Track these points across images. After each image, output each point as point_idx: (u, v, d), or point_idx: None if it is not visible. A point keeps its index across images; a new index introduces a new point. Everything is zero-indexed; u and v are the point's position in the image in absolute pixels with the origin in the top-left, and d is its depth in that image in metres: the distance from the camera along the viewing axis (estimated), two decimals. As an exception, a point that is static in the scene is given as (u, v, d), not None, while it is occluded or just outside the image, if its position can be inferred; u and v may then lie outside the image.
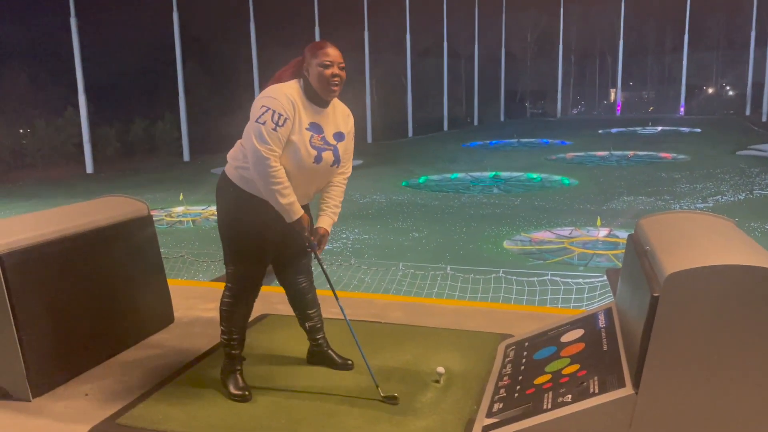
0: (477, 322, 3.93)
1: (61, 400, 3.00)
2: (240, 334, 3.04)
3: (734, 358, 2.10)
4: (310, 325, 3.25)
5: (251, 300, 3.04)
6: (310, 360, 3.32)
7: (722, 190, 17.55)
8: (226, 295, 3.02)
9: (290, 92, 2.80)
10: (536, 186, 20.35)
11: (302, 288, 3.20)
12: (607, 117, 49.94)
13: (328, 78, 2.79)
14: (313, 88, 2.82)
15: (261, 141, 2.70)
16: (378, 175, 21.67)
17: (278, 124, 2.71)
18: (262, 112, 2.72)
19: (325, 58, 2.79)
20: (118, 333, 3.53)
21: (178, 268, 8.62)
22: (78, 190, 19.96)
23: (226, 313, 3.02)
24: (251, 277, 2.99)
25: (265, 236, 2.94)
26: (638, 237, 2.89)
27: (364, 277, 7.98)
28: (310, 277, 3.24)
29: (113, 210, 3.62)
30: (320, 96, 2.83)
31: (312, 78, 2.81)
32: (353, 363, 3.25)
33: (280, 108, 2.73)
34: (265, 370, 3.23)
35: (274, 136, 2.71)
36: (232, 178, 2.90)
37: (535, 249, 12.16)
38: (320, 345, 3.28)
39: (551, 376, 2.62)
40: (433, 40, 44.70)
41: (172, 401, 2.92)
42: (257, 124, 2.71)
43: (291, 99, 2.77)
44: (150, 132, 31.37)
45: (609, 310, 3.03)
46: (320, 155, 2.83)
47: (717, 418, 2.15)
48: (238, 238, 2.94)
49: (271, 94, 2.77)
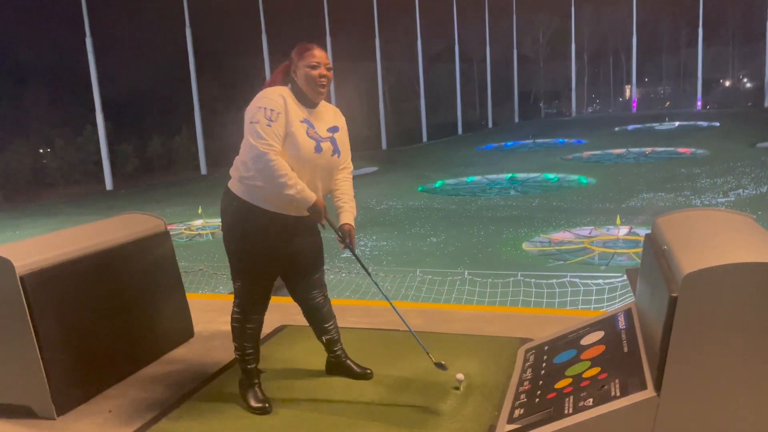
0: (496, 327, 3.91)
1: (85, 417, 3.03)
2: (253, 348, 3.04)
3: (756, 357, 2.06)
4: (328, 338, 3.24)
5: (261, 314, 3.03)
6: (329, 371, 3.32)
7: (743, 183, 17.30)
8: (235, 311, 3.01)
9: (280, 91, 2.83)
10: (553, 186, 20.21)
11: (317, 303, 3.18)
12: (623, 114, 49.49)
13: (315, 78, 2.82)
14: (302, 90, 2.86)
15: (257, 138, 2.71)
16: (394, 181, 21.67)
17: (271, 119, 2.73)
18: (254, 112, 2.75)
19: (312, 60, 2.82)
20: (139, 349, 3.57)
21: (198, 281, 8.68)
22: (98, 207, 20.22)
23: (237, 330, 3.01)
24: (260, 291, 2.98)
25: (271, 249, 2.91)
26: (655, 236, 2.86)
27: (383, 284, 7.97)
28: (324, 291, 3.22)
29: (131, 227, 3.65)
30: (309, 97, 2.86)
31: (300, 79, 2.85)
32: (372, 372, 3.24)
33: (271, 104, 2.76)
34: (284, 382, 3.23)
35: (270, 131, 2.72)
36: (235, 191, 2.89)
37: (554, 250, 12.07)
38: (338, 356, 3.28)
39: (572, 380, 2.59)
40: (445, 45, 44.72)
41: (193, 416, 2.94)
42: (251, 124, 2.74)
43: (281, 95, 2.80)
44: (167, 147, 31.73)
45: (629, 311, 2.99)
46: (319, 145, 2.83)
47: (741, 418, 2.11)
48: (244, 253, 2.92)
49: (261, 95, 2.81)
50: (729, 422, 2.12)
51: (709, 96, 48.32)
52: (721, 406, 2.12)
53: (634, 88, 52.10)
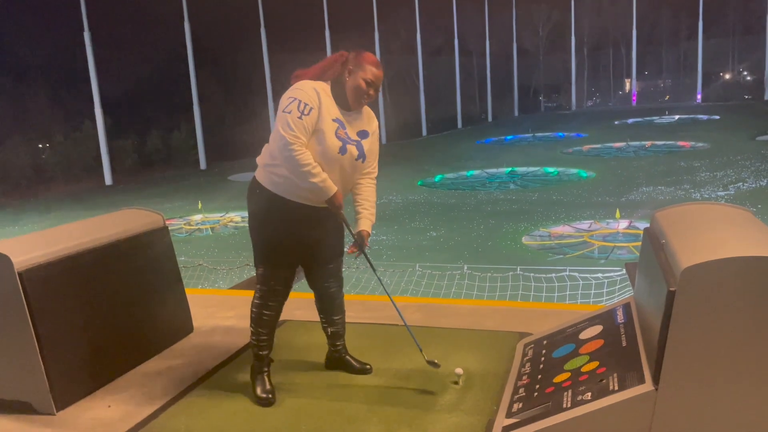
0: (495, 322, 3.91)
1: (85, 412, 3.04)
2: (269, 335, 3.08)
3: (754, 350, 2.07)
4: (333, 330, 3.26)
5: (280, 302, 3.07)
6: (329, 365, 3.33)
7: (743, 177, 17.28)
8: (255, 297, 3.06)
9: (318, 86, 2.85)
10: (553, 180, 20.19)
11: (332, 293, 3.22)
12: (623, 108, 49.44)
13: (364, 92, 2.87)
14: (345, 93, 2.89)
15: (287, 128, 2.75)
16: (393, 176, 21.65)
17: (303, 113, 2.76)
18: (289, 102, 2.78)
19: (370, 76, 2.88)
20: (139, 344, 3.57)
21: (197, 276, 8.68)
22: (98, 202, 20.21)
23: (255, 315, 3.07)
24: (280, 278, 3.02)
25: (293, 238, 2.97)
26: (654, 230, 2.86)
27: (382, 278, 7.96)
28: (340, 282, 3.26)
29: (129, 223, 3.65)
30: (348, 102, 2.90)
31: (349, 84, 2.88)
32: (371, 367, 3.26)
33: (306, 98, 2.78)
34: (284, 377, 3.24)
35: (300, 124, 2.75)
36: (261, 181, 2.94)
37: (554, 244, 12.07)
38: (339, 351, 3.30)
39: (570, 374, 2.59)
40: (444, 39, 44.60)
41: (193, 411, 2.95)
42: (284, 114, 2.77)
43: (317, 91, 2.83)
44: (167, 142, 31.66)
45: (627, 305, 2.99)
46: (345, 146, 2.86)
47: (739, 412, 2.11)
48: (267, 240, 2.98)
49: (298, 86, 2.83)
50: (727, 416, 2.12)
51: (709, 89, 48.21)
52: (718, 399, 2.12)
53: (634, 81, 51.99)
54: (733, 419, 2.12)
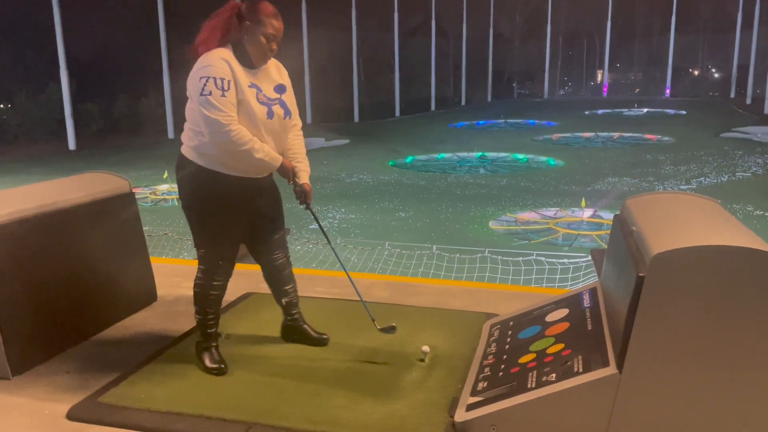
0: (462, 302, 3.94)
1: (42, 377, 2.97)
2: (215, 313, 3.02)
3: (718, 338, 2.11)
4: (287, 300, 3.23)
5: (225, 280, 3.00)
6: (285, 336, 3.31)
7: (705, 171, 17.68)
8: (199, 277, 2.97)
9: (224, 54, 2.71)
10: (522, 167, 20.37)
11: (279, 264, 3.17)
12: (594, 98, 49.94)
13: (267, 48, 2.75)
14: (247, 52, 2.75)
15: (214, 110, 2.63)
16: (365, 155, 21.57)
17: (224, 89, 2.64)
18: (203, 83, 2.64)
19: (271, 29, 2.74)
20: (100, 311, 3.50)
21: (162, 245, 8.54)
22: (60, 166, 19.68)
23: (199, 295, 2.98)
24: (223, 257, 2.94)
25: (234, 214, 2.89)
26: (624, 217, 2.89)
27: (350, 256, 7.95)
28: (286, 252, 3.21)
29: (94, 186, 3.55)
30: (252, 61, 2.77)
31: (249, 42, 2.74)
32: (328, 337, 3.25)
33: (219, 73, 2.66)
34: (249, 350, 3.21)
35: (225, 102, 2.64)
36: (192, 158, 2.82)
37: (520, 229, 12.20)
38: (296, 320, 3.28)
39: (536, 356, 2.62)
40: (421, 19, 44.29)
41: (154, 380, 2.90)
42: (203, 96, 2.63)
43: (226, 61, 2.70)
44: (134, 109, 30.88)
45: (594, 290, 3.03)
46: (270, 109, 2.78)
47: (700, 397, 2.16)
48: (205, 218, 2.88)
49: (206, 63, 2.68)
50: (689, 401, 2.17)
51: (678, 84, 49.04)
52: (681, 384, 2.16)
53: (606, 73, 52.56)
54: (694, 404, 2.17)
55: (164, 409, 2.64)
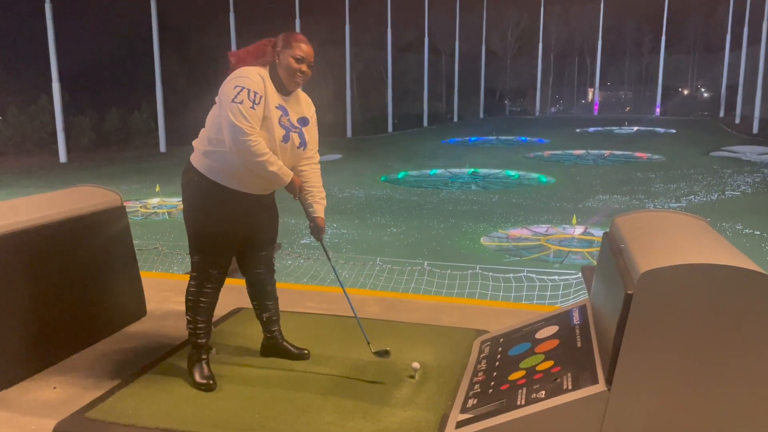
0: (453, 318, 3.93)
1: (29, 392, 2.94)
2: (206, 323, 3.04)
3: (707, 356, 2.12)
4: (267, 316, 3.25)
5: (216, 290, 3.04)
6: (264, 352, 3.31)
7: (695, 190, 17.83)
8: (191, 285, 3.01)
9: (261, 72, 2.83)
10: (514, 183, 20.48)
11: (262, 279, 3.20)
12: (585, 116, 50.41)
13: (295, 71, 2.85)
14: (279, 76, 2.87)
15: (241, 119, 2.70)
16: (357, 170, 21.62)
17: (255, 102, 2.73)
18: (237, 91, 2.72)
19: (299, 52, 2.85)
20: (89, 325, 3.47)
21: (152, 260, 8.51)
22: (51, 179, 19.60)
23: (191, 303, 3.01)
24: (216, 266, 2.99)
25: (232, 227, 2.95)
26: (613, 235, 2.91)
27: (341, 271, 7.94)
28: (270, 268, 3.25)
29: (85, 200, 3.54)
30: (284, 86, 2.88)
31: (280, 66, 2.86)
32: (309, 352, 3.27)
33: (254, 86, 2.75)
34: (238, 365, 3.19)
35: (253, 114, 2.73)
36: (198, 168, 2.90)
37: (511, 246, 12.23)
38: (275, 337, 3.29)
39: (525, 372, 2.62)
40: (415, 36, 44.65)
41: (142, 395, 2.88)
42: (234, 104, 2.71)
43: (262, 77, 2.81)
44: (126, 122, 30.82)
45: (583, 307, 3.04)
46: (288, 134, 2.87)
47: (689, 415, 2.17)
48: (204, 228, 2.94)
49: (243, 74, 2.78)
50: (677, 418, 2.18)
51: (667, 103, 49.56)
52: (669, 402, 2.17)
53: (597, 91, 53.08)
54: (683, 421, 2.17)
55: (151, 425, 2.62)
